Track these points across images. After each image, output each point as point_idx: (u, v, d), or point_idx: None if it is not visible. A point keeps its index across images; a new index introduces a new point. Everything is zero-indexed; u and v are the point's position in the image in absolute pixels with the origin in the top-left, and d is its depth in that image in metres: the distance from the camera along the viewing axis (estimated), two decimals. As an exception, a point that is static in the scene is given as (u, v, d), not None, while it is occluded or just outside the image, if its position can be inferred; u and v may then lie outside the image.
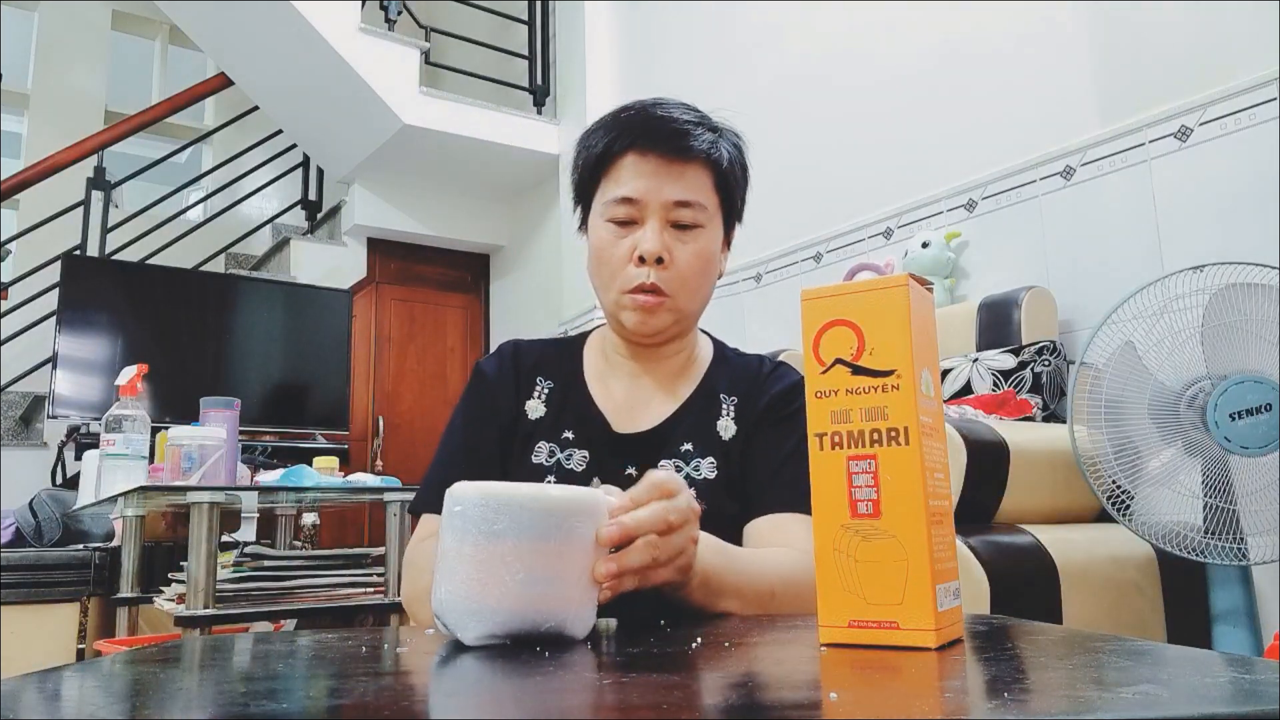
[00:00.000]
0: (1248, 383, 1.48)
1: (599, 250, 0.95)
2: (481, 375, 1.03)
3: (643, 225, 0.92)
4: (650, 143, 0.92)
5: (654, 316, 0.94)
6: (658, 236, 0.91)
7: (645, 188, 0.92)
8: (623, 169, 0.93)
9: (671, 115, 0.93)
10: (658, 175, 0.92)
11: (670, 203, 0.92)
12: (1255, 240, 1.87)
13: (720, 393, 1.00)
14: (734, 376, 1.02)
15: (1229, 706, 0.36)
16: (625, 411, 0.99)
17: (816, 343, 0.57)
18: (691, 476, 0.94)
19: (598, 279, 0.97)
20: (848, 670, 0.49)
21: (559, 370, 1.02)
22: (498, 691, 0.48)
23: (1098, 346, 1.60)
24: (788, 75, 3.17)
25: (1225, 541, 1.52)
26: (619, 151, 0.93)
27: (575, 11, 4.18)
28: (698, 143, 0.92)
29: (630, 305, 0.93)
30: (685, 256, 0.93)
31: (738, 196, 0.99)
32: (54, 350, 3.18)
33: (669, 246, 0.92)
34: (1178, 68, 2.07)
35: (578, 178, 0.99)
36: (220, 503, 1.80)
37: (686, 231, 0.93)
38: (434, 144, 3.98)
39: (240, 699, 0.44)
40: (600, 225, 0.95)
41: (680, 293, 0.94)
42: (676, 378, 1.01)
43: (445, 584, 0.59)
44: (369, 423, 4.34)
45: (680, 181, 0.92)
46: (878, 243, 2.78)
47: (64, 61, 5.56)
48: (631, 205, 0.92)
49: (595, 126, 0.96)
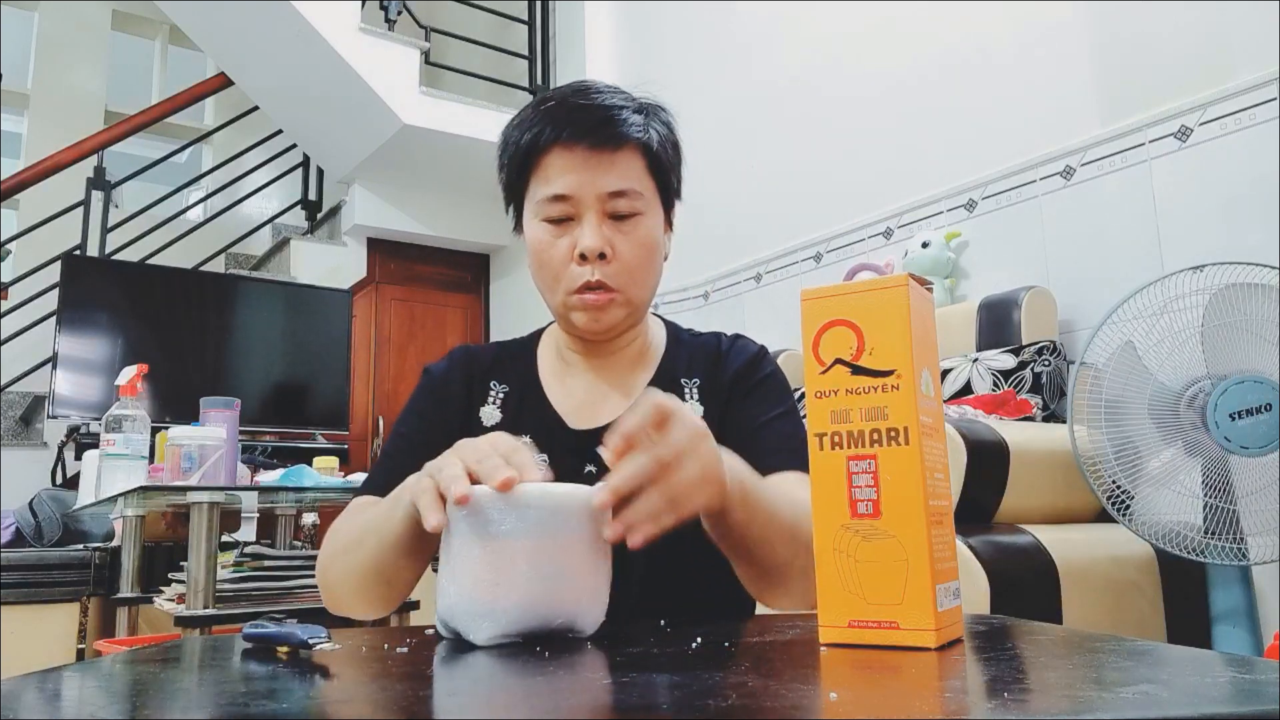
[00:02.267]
0: (1248, 383, 1.48)
1: (538, 252, 0.90)
2: (430, 376, 0.99)
3: (579, 221, 0.88)
4: (576, 134, 0.86)
5: (605, 314, 0.90)
6: (596, 232, 0.87)
7: (576, 182, 0.87)
8: (550, 165, 0.88)
9: (594, 102, 0.88)
10: (588, 167, 0.87)
11: (605, 194, 0.87)
12: (1255, 240, 1.87)
13: (680, 377, 0.97)
14: (692, 357, 0.98)
15: (1229, 706, 0.36)
16: (585, 410, 0.95)
17: (816, 343, 0.57)
18: None
19: (541, 281, 0.92)
20: (848, 670, 0.49)
21: (513, 373, 0.99)
22: (498, 691, 0.48)
23: (1098, 346, 1.60)
24: (787, 75, 3.17)
25: (1225, 541, 1.52)
26: (544, 146, 0.87)
27: (575, 11, 4.18)
28: (626, 128, 0.87)
29: (579, 305, 0.89)
30: (628, 248, 0.88)
31: (673, 176, 0.94)
32: (54, 350, 3.17)
33: (610, 240, 0.87)
34: (1178, 68, 2.07)
35: (505, 177, 0.94)
36: (220, 503, 1.80)
37: (625, 221, 0.88)
38: (434, 144, 3.98)
39: (240, 699, 0.44)
40: (535, 226, 0.90)
41: (628, 285, 0.89)
42: (634, 367, 0.98)
43: (453, 587, 0.59)
44: (369, 423, 4.34)
45: (612, 171, 0.87)
46: (878, 243, 2.78)
47: (64, 61, 5.56)
48: (565, 202, 0.87)
49: (517, 120, 0.91)
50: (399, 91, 3.79)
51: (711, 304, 3.40)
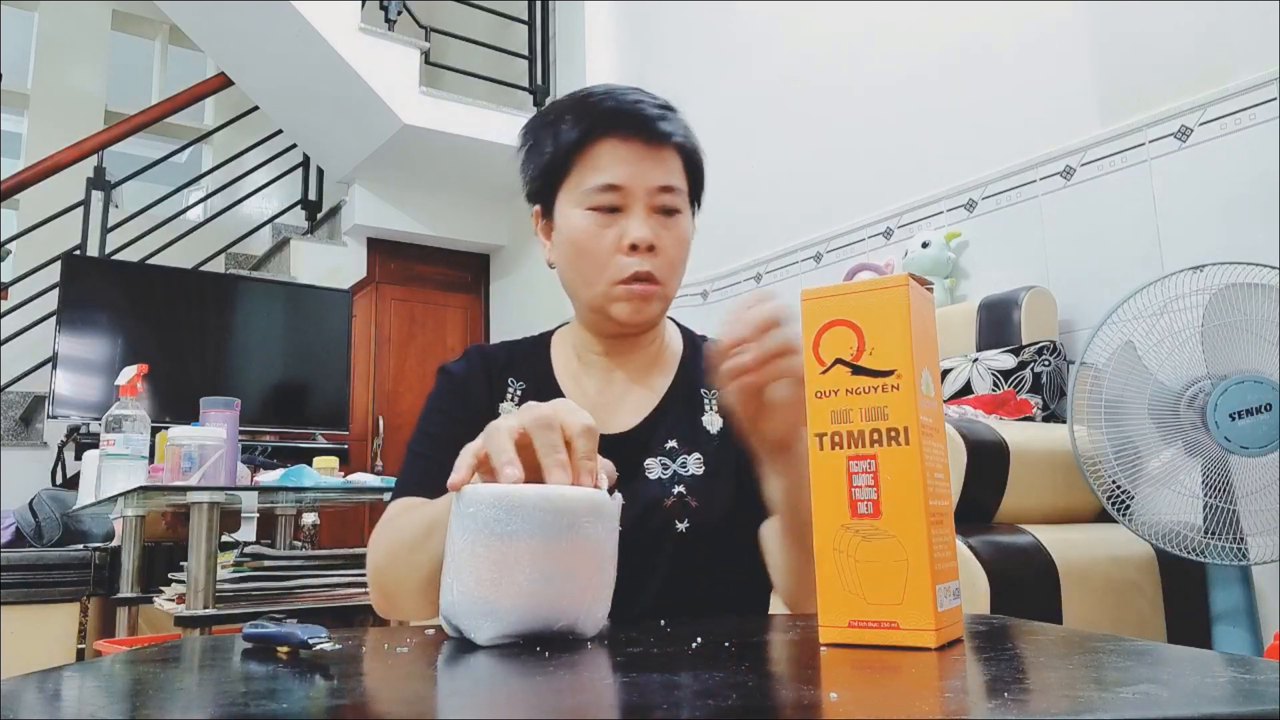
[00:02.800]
0: (1248, 383, 1.48)
1: (582, 241, 0.90)
2: (449, 374, 0.99)
3: (627, 212, 0.89)
4: (633, 128, 0.89)
5: (648, 305, 0.91)
6: (646, 223, 0.89)
7: (629, 174, 0.89)
8: (602, 155, 0.89)
9: (643, 99, 0.92)
10: (640, 160, 0.89)
11: (654, 188, 0.90)
12: (1255, 240, 1.87)
13: (700, 387, 0.97)
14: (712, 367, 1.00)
15: (1229, 706, 0.36)
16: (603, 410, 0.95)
17: (816, 343, 0.57)
18: (679, 473, 0.92)
19: (578, 270, 0.92)
20: (848, 670, 0.49)
21: (529, 371, 0.99)
22: (498, 691, 0.48)
23: (1098, 346, 1.60)
24: (787, 75, 3.17)
25: (1225, 541, 1.52)
26: (597, 137, 0.89)
27: (575, 11, 4.18)
28: (673, 127, 0.92)
29: (624, 296, 0.90)
30: (670, 243, 0.91)
31: (701, 180, 0.98)
32: (54, 350, 3.17)
33: (657, 234, 0.90)
34: (1178, 68, 2.07)
35: (541, 169, 0.93)
36: (220, 503, 1.80)
37: (669, 217, 0.91)
38: (434, 144, 3.98)
39: (240, 699, 0.44)
40: (578, 215, 0.90)
41: (669, 279, 0.92)
42: (650, 368, 0.99)
43: (457, 585, 0.59)
44: (369, 423, 4.34)
45: (661, 166, 0.90)
46: (878, 243, 2.78)
47: (64, 61, 5.56)
48: (615, 192, 0.89)
49: (555, 114, 0.93)
50: (399, 91, 3.79)
51: (711, 303, 3.40)
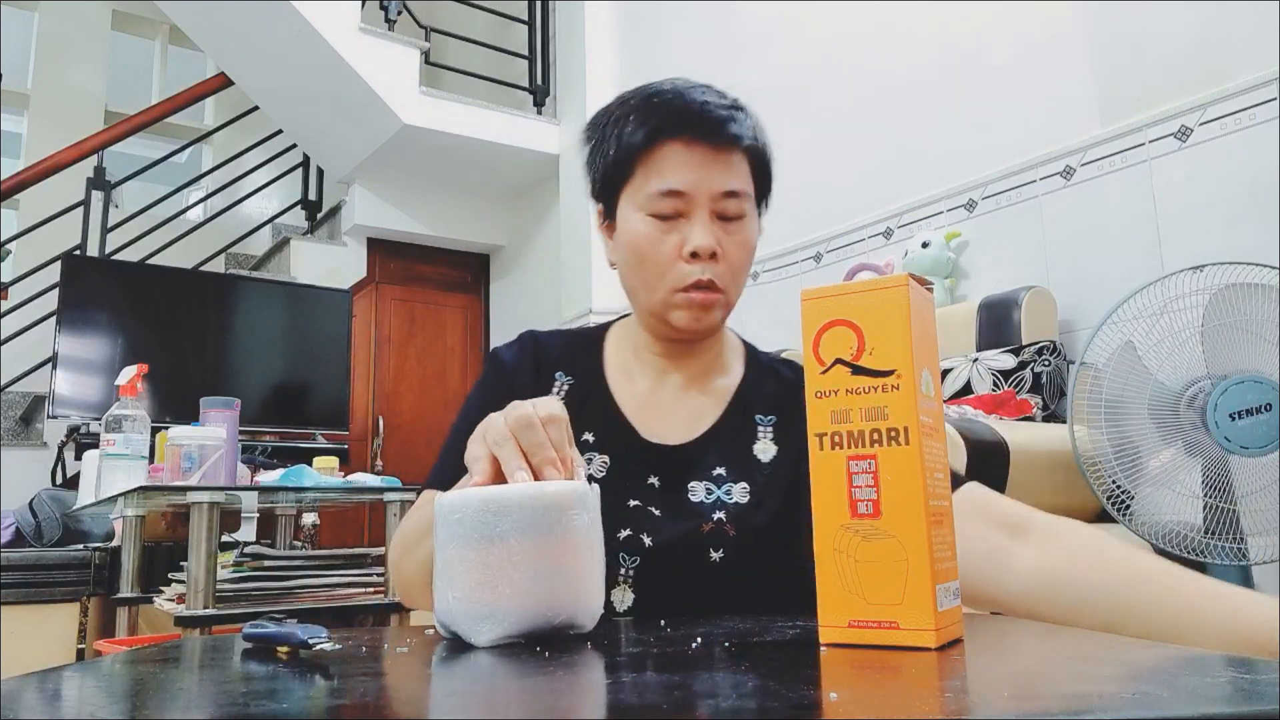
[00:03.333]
0: (1248, 383, 1.48)
1: (642, 247, 0.88)
2: (500, 362, 0.98)
3: (689, 218, 0.87)
4: (699, 131, 0.86)
5: (708, 314, 0.89)
6: (709, 230, 0.86)
7: (694, 179, 0.86)
8: (665, 159, 0.87)
9: (710, 100, 0.88)
10: (705, 165, 0.86)
11: (718, 194, 0.87)
12: (1255, 240, 1.87)
13: (756, 413, 0.94)
14: (769, 392, 0.96)
15: (1229, 706, 0.36)
16: (652, 414, 0.94)
17: (816, 343, 0.57)
18: (722, 500, 0.89)
19: (638, 276, 0.90)
20: (848, 670, 0.49)
21: (579, 366, 0.97)
22: (498, 691, 0.48)
23: (1098, 346, 1.60)
24: (787, 75, 3.17)
25: (1225, 541, 1.52)
26: (657, 139, 0.87)
27: (575, 11, 4.18)
28: (742, 129, 0.88)
29: (684, 304, 0.88)
30: (734, 249, 0.88)
31: (768, 184, 0.95)
32: (54, 350, 3.18)
33: (720, 240, 0.87)
34: (1178, 68, 2.07)
35: (607, 167, 0.91)
36: (220, 503, 1.80)
37: (732, 223, 0.89)
38: (434, 144, 3.98)
39: (240, 699, 0.44)
40: (639, 220, 0.88)
41: (731, 287, 0.90)
42: (707, 374, 0.96)
43: (451, 591, 0.59)
44: (369, 423, 4.34)
45: (727, 171, 0.87)
46: (878, 243, 2.78)
47: (64, 61, 5.56)
48: (678, 198, 0.86)
49: (621, 112, 0.90)
50: (399, 91, 3.79)
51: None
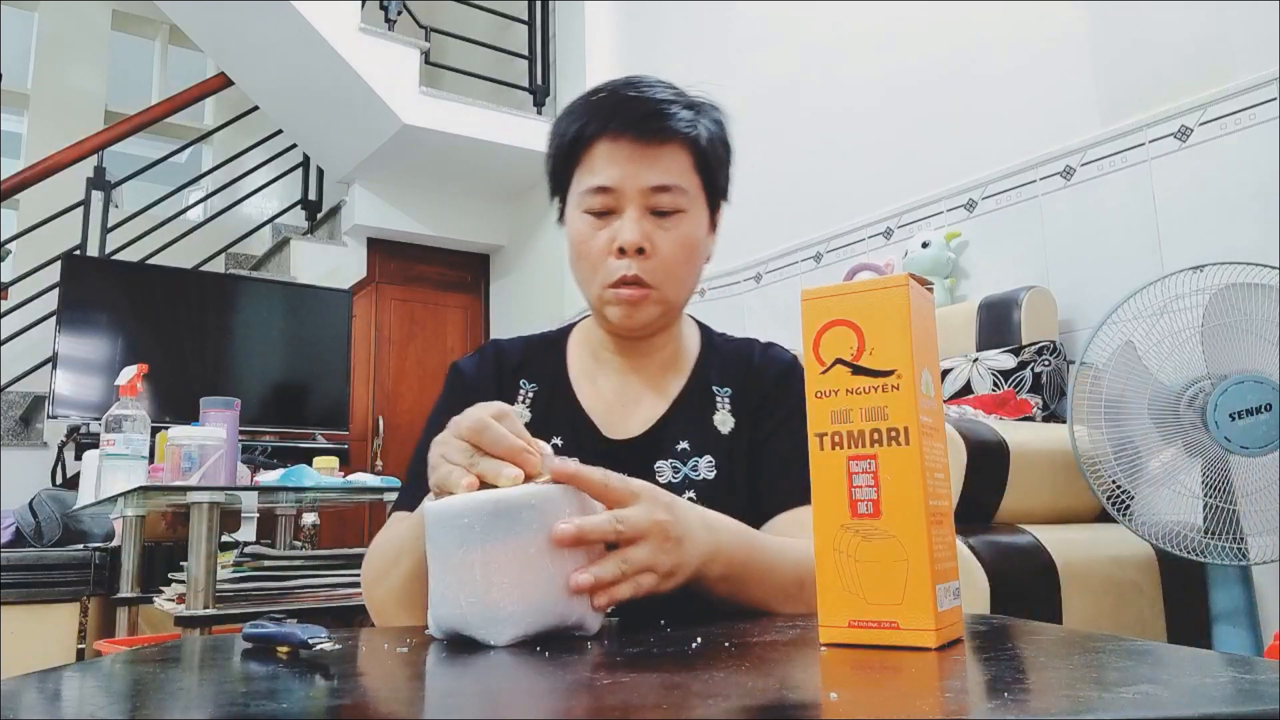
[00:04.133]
0: (1248, 383, 1.48)
1: (577, 244, 0.90)
2: (460, 374, 0.98)
3: (621, 214, 0.87)
4: (622, 126, 0.86)
5: (639, 310, 0.89)
6: (636, 226, 0.86)
7: (620, 175, 0.86)
8: (595, 156, 0.87)
9: (644, 95, 0.88)
10: (632, 160, 0.86)
11: (647, 189, 0.87)
12: (1255, 240, 1.87)
13: (713, 385, 0.95)
14: (725, 365, 0.97)
15: (1229, 706, 0.36)
16: (616, 413, 0.94)
17: (816, 343, 0.57)
18: (690, 477, 0.90)
19: (578, 273, 0.92)
20: (848, 670, 0.49)
21: (542, 371, 0.98)
22: (498, 691, 0.48)
23: (1098, 346, 1.60)
24: (788, 75, 3.17)
25: (1225, 541, 1.52)
26: (591, 137, 0.87)
27: (575, 11, 4.18)
28: (674, 122, 0.87)
29: (613, 300, 0.88)
30: (667, 245, 0.88)
31: (720, 175, 0.93)
32: (54, 350, 3.18)
33: (649, 235, 0.87)
34: (1178, 68, 2.07)
35: (551, 168, 0.93)
36: (220, 503, 1.80)
37: (667, 218, 0.88)
38: (434, 144, 3.98)
39: (240, 699, 0.44)
40: (577, 217, 0.90)
41: (665, 283, 0.89)
42: (666, 371, 0.97)
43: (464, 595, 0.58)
44: (369, 423, 4.34)
45: (657, 165, 0.87)
46: (878, 243, 2.78)
47: (64, 61, 5.56)
48: (607, 194, 0.87)
49: (567, 111, 0.91)
50: (399, 91, 3.79)
51: (711, 303, 3.40)
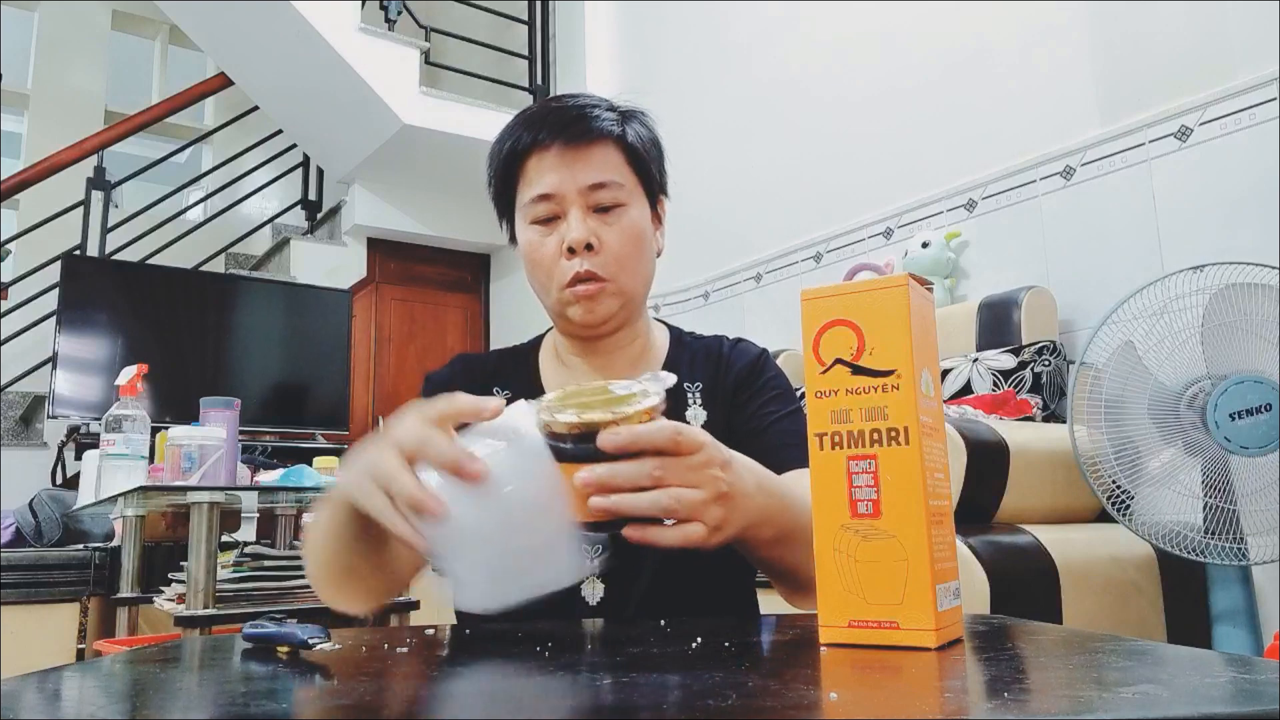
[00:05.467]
0: (1248, 383, 1.48)
1: (529, 254, 0.93)
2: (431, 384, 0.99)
3: (565, 218, 0.90)
4: (550, 133, 0.90)
5: (598, 303, 0.91)
6: (581, 224, 0.89)
7: (557, 180, 0.90)
8: (531, 168, 0.91)
9: (566, 103, 0.92)
10: (565, 164, 0.90)
11: (585, 188, 0.90)
12: (1255, 240, 1.87)
13: (684, 381, 0.97)
14: (694, 360, 1.00)
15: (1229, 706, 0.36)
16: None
17: (816, 343, 0.57)
18: None
19: (536, 283, 0.95)
20: (848, 670, 0.49)
21: (515, 378, 1.00)
22: (498, 691, 0.48)
23: (1098, 346, 1.60)
24: (788, 75, 3.17)
25: (1225, 541, 1.52)
26: (524, 151, 0.91)
27: (575, 11, 4.18)
28: (598, 123, 0.91)
29: (571, 298, 0.91)
30: (614, 237, 0.91)
31: (654, 169, 0.96)
32: (54, 350, 3.17)
33: (595, 231, 0.90)
34: (1178, 68, 2.07)
35: (494, 190, 0.97)
36: (220, 503, 1.80)
37: (609, 213, 0.91)
38: (434, 144, 3.98)
39: (240, 699, 0.44)
40: (526, 229, 0.93)
41: (619, 274, 0.91)
42: (634, 367, 0.98)
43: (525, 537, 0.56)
44: (369, 423, 4.34)
45: (590, 164, 0.90)
46: (878, 243, 2.78)
47: (64, 61, 5.55)
48: (549, 201, 0.90)
49: (499, 135, 0.95)
50: (399, 91, 3.79)
51: (711, 304, 3.40)
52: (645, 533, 0.58)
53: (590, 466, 0.56)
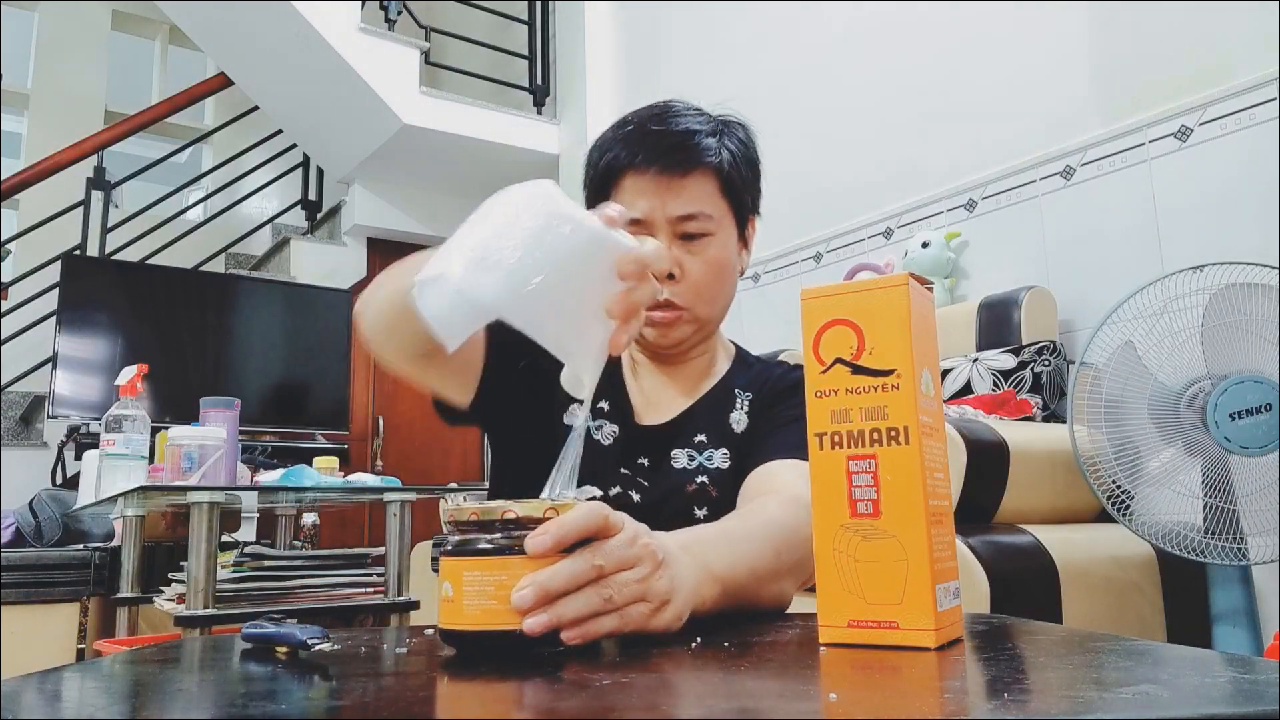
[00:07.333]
0: (1248, 383, 1.48)
1: None
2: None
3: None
4: (648, 159, 0.91)
5: (672, 330, 0.95)
6: (666, 253, 0.91)
7: (647, 207, 0.92)
8: (624, 190, 0.93)
9: (668, 128, 0.93)
10: (658, 193, 0.92)
11: (675, 218, 0.92)
12: (1255, 240, 1.86)
13: (736, 388, 1.01)
14: (751, 376, 1.03)
15: (1229, 706, 0.36)
16: (650, 407, 1.00)
17: (816, 342, 0.57)
18: (704, 465, 0.95)
19: None
20: (848, 670, 0.49)
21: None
22: (497, 692, 0.48)
23: (1098, 346, 1.60)
24: (787, 75, 3.17)
25: (1225, 541, 1.52)
26: (619, 170, 0.93)
27: (575, 11, 4.18)
28: (697, 153, 0.92)
29: (648, 322, 0.94)
30: (697, 268, 0.93)
31: (747, 195, 0.99)
32: (54, 350, 3.17)
33: (679, 260, 0.92)
34: (1178, 68, 2.07)
35: (587, 199, 0.98)
36: (220, 503, 1.80)
37: (695, 242, 0.93)
38: (434, 144, 3.98)
39: (240, 699, 0.44)
40: None
41: (695, 303, 0.94)
42: (699, 378, 1.03)
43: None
44: (369, 423, 4.34)
45: (682, 195, 0.92)
46: (878, 243, 2.78)
47: (64, 61, 5.55)
48: (638, 226, 0.92)
49: (597, 143, 0.97)
50: (399, 91, 3.79)
51: (711, 304, 3.40)
52: (585, 630, 0.52)
53: (529, 574, 0.51)
